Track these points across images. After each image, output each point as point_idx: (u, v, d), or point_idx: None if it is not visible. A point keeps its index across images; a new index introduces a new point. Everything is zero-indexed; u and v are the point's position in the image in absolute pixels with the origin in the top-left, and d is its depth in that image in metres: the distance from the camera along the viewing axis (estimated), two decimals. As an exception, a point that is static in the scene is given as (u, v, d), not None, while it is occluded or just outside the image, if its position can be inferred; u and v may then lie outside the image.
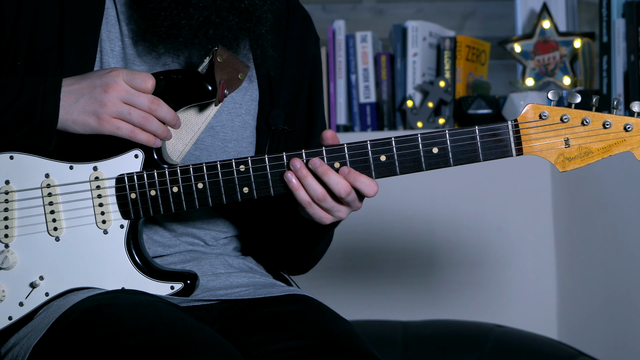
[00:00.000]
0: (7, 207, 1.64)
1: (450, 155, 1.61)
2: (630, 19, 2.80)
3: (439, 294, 3.03)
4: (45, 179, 1.64)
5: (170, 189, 1.64)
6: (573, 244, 2.95)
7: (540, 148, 1.61)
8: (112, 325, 1.52)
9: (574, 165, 1.62)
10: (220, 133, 1.75)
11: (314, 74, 1.88)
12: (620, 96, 2.84)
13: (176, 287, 1.65)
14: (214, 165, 1.63)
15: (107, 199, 1.64)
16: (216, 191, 1.63)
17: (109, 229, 1.65)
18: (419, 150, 1.62)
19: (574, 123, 1.60)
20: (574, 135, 1.60)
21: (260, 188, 1.63)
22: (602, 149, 1.60)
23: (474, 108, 3.06)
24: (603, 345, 2.83)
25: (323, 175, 1.60)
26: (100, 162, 1.64)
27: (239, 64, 1.68)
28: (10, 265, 1.64)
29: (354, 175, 1.61)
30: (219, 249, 1.80)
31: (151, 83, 1.60)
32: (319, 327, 1.67)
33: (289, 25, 1.85)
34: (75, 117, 1.60)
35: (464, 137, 1.61)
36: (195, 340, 1.49)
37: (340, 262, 3.01)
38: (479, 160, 1.62)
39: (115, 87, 1.59)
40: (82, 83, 1.61)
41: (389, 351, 2.64)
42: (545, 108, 1.60)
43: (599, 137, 1.60)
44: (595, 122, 1.60)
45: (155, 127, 1.61)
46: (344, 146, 1.62)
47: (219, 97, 1.64)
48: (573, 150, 1.61)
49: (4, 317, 1.65)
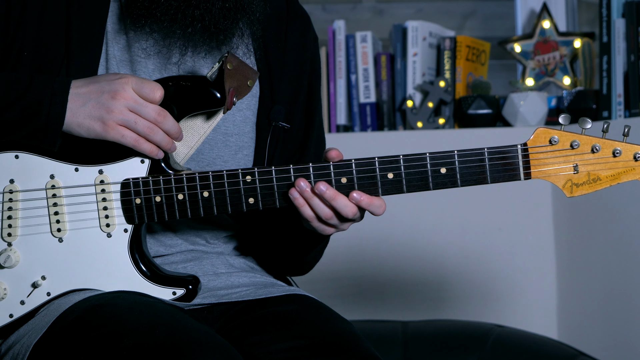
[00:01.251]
0: (11, 206, 1.64)
1: (458, 176, 1.61)
2: (630, 19, 2.81)
3: (439, 294, 3.03)
4: (50, 179, 1.64)
5: (176, 195, 1.63)
6: (573, 244, 2.95)
7: (549, 173, 1.61)
8: (112, 325, 1.52)
9: (581, 192, 1.62)
10: (222, 127, 1.75)
11: (312, 73, 1.88)
12: (620, 96, 2.84)
13: (178, 292, 1.65)
14: (220, 174, 1.62)
15: (112, 203, 1.64)
16: (221, 200, 1.63)
17: (112, 233, 1.64)
18: (427, 170, 1.61)
19: (584, 150, 1.60)
20: (583, 162, 1.60)
21: (266, 199, 1.63)
22: (611, 176, 1.60)
23: (474, 108, 3.06)
24: (603, 345, 2.83)
25: (331, 200, 1.60)
26: (106, 166, 1.64)
27: (248, 71, 1.67)
28: (12, 264, 1.64)
29: (367, 201, 1.61)
30: (219, 247, 1.80)
31: (159, 94, 1.60)
32: (319, 326, 1.67)
33: (288, 24, 1.85)
34: (80, 120, 1.59)
35: (472, 159, 1.61)
36: (195, 341, 1.49)
37: (341, 262, 3.01)
38: (486, 182, 1.61)
39: (123, 94, 1.58)
40: (91, 87, 1.60)
41: (389, 351, 2.64)
42: (556, 133, 1.60)
43: (608, 164, 1.60)
44: (605, 150, 1.60)
45: (159, 139, 1.61)
46: (352, 162, 1.61)
47: (228, 105, 1.63)
48: (582, 177, 1.61)
49: (4, 315, 1.65)
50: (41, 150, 1.63)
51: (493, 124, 3.09)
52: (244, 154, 1.78)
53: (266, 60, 1.81)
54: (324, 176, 1.61)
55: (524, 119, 3.02)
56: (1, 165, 1.64)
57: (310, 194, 1.60)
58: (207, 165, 1.74)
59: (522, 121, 3.02)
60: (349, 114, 3.16)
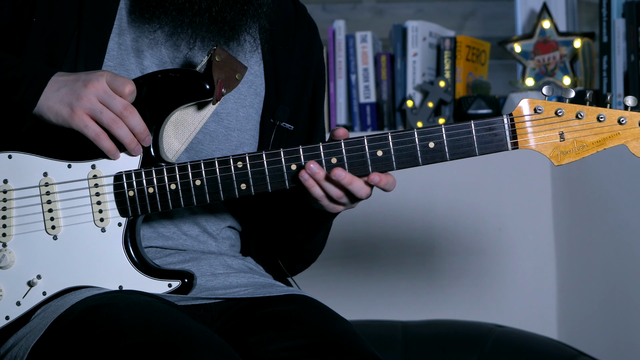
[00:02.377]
0: (5, 206, 1.65)
1: (447, 149, 1.63)
2: (630, 19, 2.80)
3: (439, 294, 3.03)
4: (43, 177, 1.65)
5: (168, 186, 1.64)
6: (573, 244, 2.95)
7: (536, 142, 1.62)
8: (109, 325, 1.52)
9: (569, 159, 1.63)
10: (225, 120, 1.76)
11: (318, 79, 1.91)
12: (621, 97, 2.84)
13: (174, 284, 1.66)
14: (211, 162, 1.64)
15: (105, 196, 1.65)
16: (214, 187, 1.64)
17: (106, 227, 1.65)
18: (415, 145, 1.63)
19: (569, 117, 1.62)
20: (568, 129, 1.62)
21: (258, 184, 1.64)
22: (597, 142, 1.62)
23: (474, 108, 3.06)
24: (603, 345, 2.83)
25: (348, 185, 1.62)
26: (99, 161, 1.65)
27: (237, 65, 1.69)
28: (7, 264, 1.64)
29: (384, 180, 1.63)
30: (219, 242, 1.81)
31: (129, 88, 1.62)
32: (319, 326, 1.67)
33: (296, 30, 1.88)
34: (51, 104, 1.61)
35: (460, 132, 1.62)
36: (192, 340, 1.49)
37: (341, 262, 3.01)
38: (475, 154, 1.63)
39: (95, 84, 1.61)
40: (70, 77, 1.63)
41: (389, 351, 2.64)
42: (540, 102, 1.62)
43: (594, 130, 1.62)
44: (590, 116, 1.62)
45: (123, 133, 1.62)
46: (341, 142, 1.63)
47: (217, 96, 1.65)
48: (568, 144, 1.62)
49: (0, 317, 1.65)
50: (34, 148, 1.64)
51: (493, 124, 3.09)
52: (245, 150, 1.78)
53: (273, 60, 1.83)
54: (315, 157, 1.64)
55: (524, 119, 3.02)
56: None
57: (321, 175, 1.63)
58: (206, 158, 1.75)
59: (522, 121, 3.02)
60: (349, 113, 3.16)
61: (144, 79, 1.66)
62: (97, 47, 1.70)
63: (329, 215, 1.72)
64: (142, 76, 1.66)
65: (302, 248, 1.85)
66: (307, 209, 1.73)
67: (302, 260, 1.90)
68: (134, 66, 1.73)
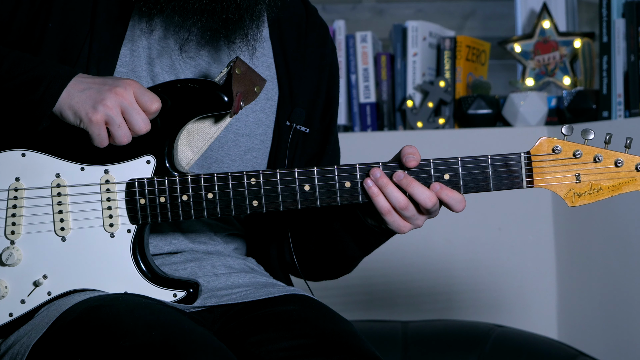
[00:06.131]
0: (15, 204, 1.64)
1: (462, 182, 1.63)
2: (630, 19, 2.81)
3: (439, 294, 3.03)
4: (55, 178, 1.64)
5: (180, 197, 1.63)
6: (573, 244, 2.95)
7: (551, 182, 1.62)
8: (109, 326, 1.52)
9: (583, 201, 1.62)
10: (233, 126, 1.76)
11: (331, 80, 1.89)
12: (621, 97, 2.84)
13: (179, 295, 1.65)
14: (225, 176, 1.63)
15: (116, 202, 1.64)
16: (225, 202, 1.63)
17: (115, 233, 1.64)
18: (431, 177, 1.62)
19: (586, 159, 1.61)
20: (585, 171, 1.61)
21: (270, 202, 1.63)
22: (613, 187, 1.62)
23: (474, 108, 3.06)
24: (603, 345, 2.83)
25: (407, 186, 1.61)
26: (112, 166, 1.64)
27: (256, 77, 1.68)
28: (14, 262, 1.64)
29: (446, 191, 1.62)
30: (221, 245, 1.81)
31: (156, 106, 1.60)
32: (319, 326, 1.67)
33: (307, 31, 1.88)
34: (73, 103, 1.59)
35: (475, 166, 1.62)
36: (190, 344, 1.49)
37: (340, 262, 3.01)
38: (489, 189, 1.63)
39: (122, 92, 1.59)
40: (96, 79, 1.61)
41: (389, 351, 2.64)
42: (559, 142, 1.61)
43: (610, 174, 1.61)
44: (608, 160, 1.61)
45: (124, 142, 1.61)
46: (356, 166, 1.63)
47: (235, 109, 1.64)
48: (583, 186, 1.62)
49: (4, 314, 1.65)
50: (48, 148, 1.64)
51: (493, 124, 3.09)
52: (253, 155, 1.78)
53: (285, 63, 1.82)
54: (328, 180, 1.63)
55: (524, 119, 3.02)
56: (8, 162, 1.64)
57: (384, 181, 1.61)
58: (215, 163, 1.75)
59: (522, 121, 3.03)
60: (349, 113, 3.16)
61: (163, 88, 1.63)
62: (110, 53, 1.69)
63: (381, 237, 1.71)
64: (160, 84, 1.65)
65: (352, 263, 1.86)
66: (359, 229, 1.72)
67: (346, 269, 1.90)
68: (145, 73, 1.72)
